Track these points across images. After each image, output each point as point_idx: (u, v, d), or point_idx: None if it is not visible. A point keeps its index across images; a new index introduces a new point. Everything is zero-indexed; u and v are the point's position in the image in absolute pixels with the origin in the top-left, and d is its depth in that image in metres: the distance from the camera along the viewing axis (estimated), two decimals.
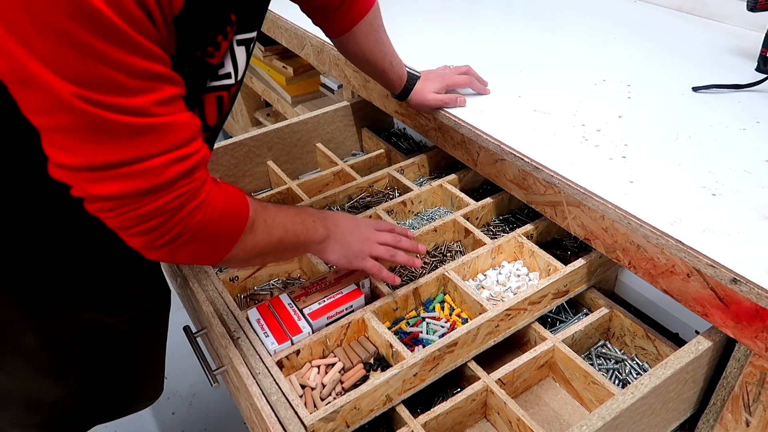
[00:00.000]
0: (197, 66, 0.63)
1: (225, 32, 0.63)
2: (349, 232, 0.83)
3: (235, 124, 2.45)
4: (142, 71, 0.51)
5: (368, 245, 0.83)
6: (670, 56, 1.21)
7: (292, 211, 0.77)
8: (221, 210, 0.62)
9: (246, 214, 0.66)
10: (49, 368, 0.85)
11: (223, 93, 0.70)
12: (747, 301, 0.67)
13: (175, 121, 0.55)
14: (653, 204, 0.79)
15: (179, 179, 0.56)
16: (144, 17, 0.50)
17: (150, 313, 1.02)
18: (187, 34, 0.57)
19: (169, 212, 0.57)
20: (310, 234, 0.77)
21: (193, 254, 0.63)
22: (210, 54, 0.63)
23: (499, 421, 0.82)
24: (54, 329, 0.81)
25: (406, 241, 0.87)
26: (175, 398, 1.72)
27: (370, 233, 0.84)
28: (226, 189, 0.65)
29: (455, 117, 1.04)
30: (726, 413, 0.78)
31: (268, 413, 0.72)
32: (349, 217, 0.85)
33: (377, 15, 0.97)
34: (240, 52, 0.69)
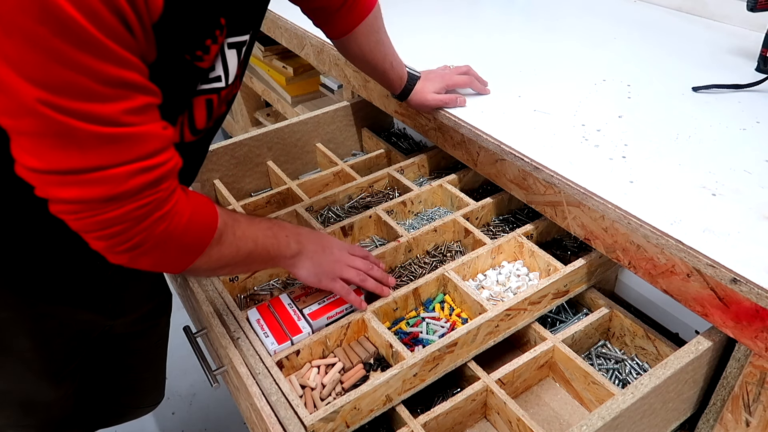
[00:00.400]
0: (186, 69, 0.62)
1: (214, 36, 0.62)
2: (322, 250, 0.83)
3: (235, 124, 2.45)
4: (113, 79, 0.50)
5: (339, 267, 0.83)
6: (670, 56, 1.20)
7: (265, 224, 0.77)
8: (187, 221, 0.61)
9: (214, 227, 0.66)
10: (43, 370, 0.84)
11: (213, 96, 0.69)
12: (747, 301, 0.67)
13: (144, 132, 0.54)
14: (653, 204, 0.79)
15: (144, 189, 0.56)
16: (118, 23, 0.49)
17: (150, 317, 1.01)
18: (170, 38, 0.57)
19: (132, 221, 0.57)
20: (281, 248, 0.77)
21: (155, 262, 0.63)
22: (199, 58, 0.62)
23: (499, 421, 0.82)
24: (49, 331, 0.81)
25: (377, 271, 0.87)
26: (175, 398, 1.72)
27: (342, 255, 0.84)
28: (196, 200, 0.65)
29: (455, 117, 1.04)
30: (726, 413, 0.78)
31: (268, 413, 0.72)
32: (324, 237, 0.85)
33: (378, 16, 0.96)
34: (231, 55, 0.68)
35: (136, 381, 1.11)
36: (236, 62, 0.69)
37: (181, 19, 0.56)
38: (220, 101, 0.72)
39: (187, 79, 0.65)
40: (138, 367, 1.09)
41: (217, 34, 0.62)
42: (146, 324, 1.02)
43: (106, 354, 1.00)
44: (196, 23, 0.59)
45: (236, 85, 0.75)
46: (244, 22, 0.68)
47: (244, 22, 0.68)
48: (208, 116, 0.72)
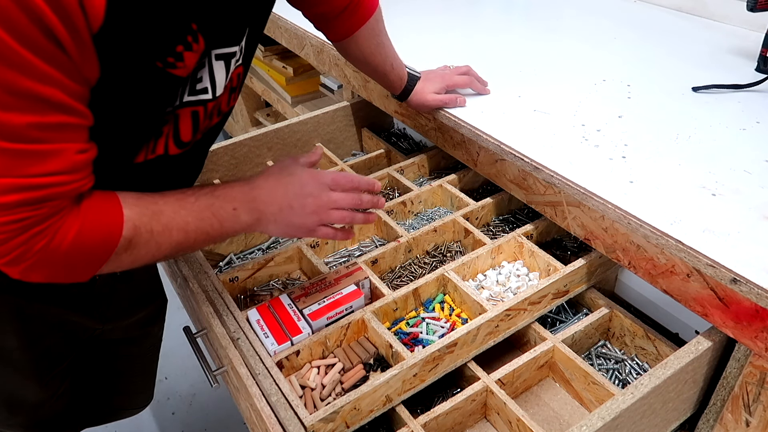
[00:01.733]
0: (160, 77, 0.60)
1: (187, 43, 0.59)
2: (290, 208, 0.72)
3: (235, 124, 2.45)
4: (25, 91, 0.48)
5: (318, 216, 0.73)
6: (670, 56, 1.20)
7: (204, 202, 0.68)
8: (74, 237, 0.57)
9: (114, 238, 0.60)
10: (30, 370, 0.84)
11: (199, 108, 0.67)
12: (747, 301, 0.67)
13: (47, 150, 0.52)
14: (653, 204, 0.79)
15: (22, 205, 0.53)
16: (41, 36, 0.47)
17: (143, 324, 1.01)
18: (124, 47, 0.54)
19: (9, 233, 0.54)
20: (226, 225, 0.69)
21: (47, 276, 0.59)
22: (172, 65, 0.59)
23: (499, 421, 0.82)
24: (37, 331, 0.81)
25: (366, 198, 0.78)
26: (175, 398, 1.72)
27: (321, 200, 0.73)
28: (92, 211, 0.59)
29: (455, 117, 1.04)
30: (726, 413, 0.78)
31: (268, 414, 0.72)
32: (292, 185, 0.73)
33: (379, 20, 0.96)
34: (219, 67, 0.66)
35: (126, 384, 1.11)
36: (224, 74, 0.67)
37: (133, 24, 0.53)
38: (207, 114, 0.70)
39: (164, 88, 0.62)
40: (130, 371, 1.09)
41: (190, 40, 0.60)
42: (140, 331, 1.01)
43: (98, 358, 1.00)
44: (158, 28, 0.56)
45: (233, 98, 0.73)
46: (228, 32, 0.66)
47: (227, 33, 0.65)
48: (194, 129, 0.69)
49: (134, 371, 1.10)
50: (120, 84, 0.57)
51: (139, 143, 0.67)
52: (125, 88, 0.58)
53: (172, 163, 0.72)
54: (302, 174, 0.74)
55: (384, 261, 0.98)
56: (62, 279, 0.60)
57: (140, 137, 0.66)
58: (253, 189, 0.71)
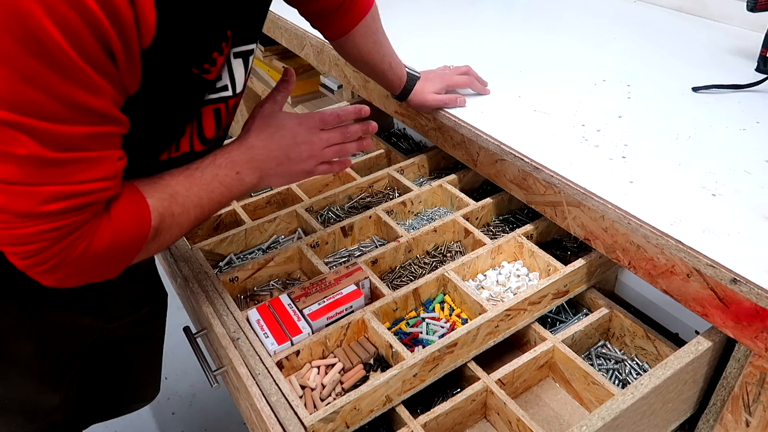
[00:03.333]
0: (194, 82, 0.62)
1: (221, 48, 0.62)
2: (286, 158, 0.75)
3: (235, 124, 2.45)
4: (81, 104, 0.49)
5: (314, 158, 0.77)
6: (670, 56, 1.21)
7: (209, 174, 0.69)
8: (110, 238, 0.58)
9: (145, 232, 0.62)
10: (45, 376, 0.84)
11: (221, 105, 0.69)
12: (747, 301, 0.67)
13: (93, 158, 0.53)
14: (653, 204, 0.79)
15: (66, 212, 0.54)
16: (100, 50, 0.48)
17: (146, 319, 1.01)
18: (168, 60, 0.56)
19: (48, 241, 0.54)
20: (235, 189, 0.72)
21: (84, 279, 0.60)
22: (207, 70, 0.62)
23: (499, 421, 0.82)
24: (51, 337, 0.81)
25: (355, 129, 0.80)
26: (175, 398, 1.72)
27: (313, 144, 0.76)
28: (122, 210, 0.60)
29: (455, 117, 1.04)
30: (726, 413, 0.78)
31: (268, 414, 0.72)
32: (284, 139, 0.75)
33: (375, 17, 0.96)
34: (237, 64, 0.68)
35: (133, 379, 1.12)
36: (243, 71, 0.69)
37: (179, 39, 0.55)
38: (229, 110, 0.71)
39: (195, 91, 0.64)
40: (135, 367, 1.09)
41: (224, 45, 0.62)
42: (143, 326, 1.02)
43: (102, 357, 1.00)
44: (200, 39, 0.59)
45: (242, 94, 0.75)
46: (249, 31, 0.68)
47: (249, 32, 0.68)
48: (216, 126, 0.71)
49: (140, 366, 1.10)
50: (157, 91, 0.58)
51: (165, 143, 0.68)
52: (161, 94, 0.59)
53: (196, 159, 0.73)
54: (290, 123, 0.76)
55: (384, 261, 0.98)
56: (96, 279, 0.62)
57: (167, 137, 0.68)
58: (249, 149, 0.73)
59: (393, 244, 0.98)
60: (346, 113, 0.80)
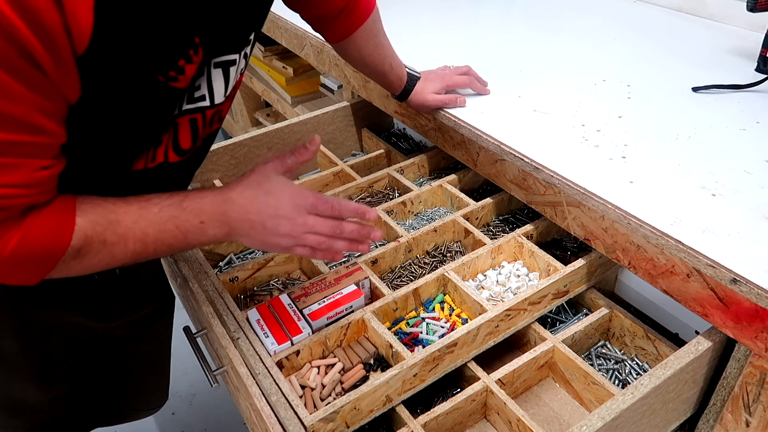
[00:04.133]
0: (161, 91, 0.60)
1: (188, 56, 0.59)
2: (261, 225, 0.67)
3: (235, 125, 2.45)
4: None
5: (291, 239, 0.69)
6: (670, 56, 1.20)
7: (167, 213, 0.64)
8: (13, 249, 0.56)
9: (61, 249, 0.58)
10: (31, 372, 0.84)
11: (198, 116, 0.67)
12: (747, 301, 0.67)
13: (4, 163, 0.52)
14: (653, 204, 0.79)
15: None
16: (19, 59, 0.46)
17: (147, 320, 1.01)
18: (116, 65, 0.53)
19: None
20: (190, 237, 0.66)
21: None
22: (173, 78, 0.59)
23: (499, 421, 0.82)
24: (36, 333, 0.80)
25: (350, 228, 0.71)
26: (175, 398, 1.72)
27: (295, 224, 0.68)
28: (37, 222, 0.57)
29: (455, 117, 1.04)
30: (726, 413, 0.78)
31: (268, 414, 0.72)
32: (266, 207, 0.68)
33: (377, 20, 0.96)
34: (217, 75, 0.66)
35: (137, 383, 1.11)
36: (222, 82, 0.67)
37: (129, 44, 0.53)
38: (207, 121, 0.69)
39: (164, 100, 0.62)
40: (137, 369, 1.08)
41: (191, 54, 0.59)
42: (144, 327, 1.01)
43: (102, 356, 1.00)
44: (161, 44, 0.56)
45: (225, 105, 0.73)
46: (228, 41, 0.65)
47: (228, 42, 0.65)
48: (193, 136, 0.69)
49: (144, 369, 1.10)
50: (119, 98, 0.56)
51: (137, 152, 0.67)
52: (125, 101, 0.57)
53: (172, 169, 0.71)
54: (280, 192, 0.69)
55: (384, 261, 0.98)
56: (7, 281, 0.59)
57: (138, 146, 0.66)
58: (225, 202, 0.67)
59: (393, 244, 0.98)
60: (342, 208, 0.72)
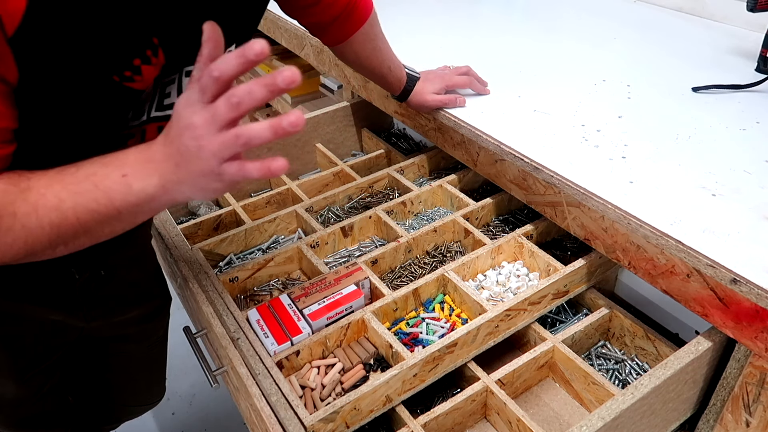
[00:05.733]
0: (116, 90, 0.57)
1: (145, 56, 0.57)
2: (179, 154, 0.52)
3: None
4: None
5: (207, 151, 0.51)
6: (670, 56, 1.20)
7: (84, 171, 0.54)
8: None
9: None
10: (8, 368, 0.84)
11: (165, 124, 0.64)
12: (747, 301, 0.67)
13: None
14: (653, 204, 0.79)
15: None
16: None
17: (136, 321, 1.00)
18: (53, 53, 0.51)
19: None
20: (114, 196, 0.53)
21: None
22: (129, 78, 0.57)
23: (499, 421, 0.82)
24: (14, 329, 0.80)
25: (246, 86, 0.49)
26: (175, 398, 1.72)
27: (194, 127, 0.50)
28: None
29: (455, 117, 1.04)
30: (726, 413, 0.78)
31: (268, 414, 0.72)
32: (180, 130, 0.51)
33: (375, 24, 0.96)
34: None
35: (128, 381, 1.11)
36: None
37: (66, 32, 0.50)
38: None
39: (120, 100, 0.60)
40: (129, 368, 1.08)
41: (149, 54, 0.57)
42: (135, 328, 1.01)
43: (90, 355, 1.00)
44: (107, 39, 0.54)
45: None
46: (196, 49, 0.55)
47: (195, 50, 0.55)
48: None
49: (134, 368, 1.09)
50: (66, 88, 0.55)
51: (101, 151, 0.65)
52: (74, 93, 0.56)
53: None
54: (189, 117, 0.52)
55: (384, 261, 0.98)
56: None
57: (102, 149, 0.62)
58: (147, 148, 0.55)
59: (393, 244, 0.98)
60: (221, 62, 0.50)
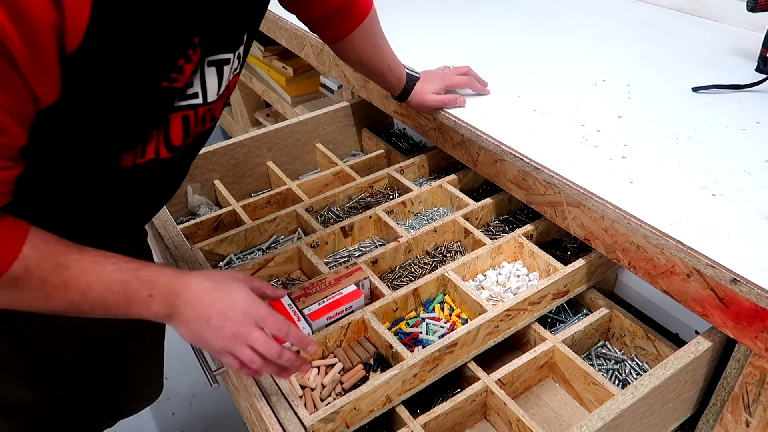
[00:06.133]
0: (161, 92, 0.60)
1: (187, 56, 0.59)
2: (206, 321, 0.65)
3: (235, 125, 2.45)
4: None
5: (229, 343, 0.66)
6: (670, 57, 1.20)
7: (120, 277, 0.62)
8: None
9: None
10: (22, 372, 0.84)
11: (190, 113, 0.67)
12: (747, 301, 0.67)
13: None
14: (653, 204, 0.79)
15: None
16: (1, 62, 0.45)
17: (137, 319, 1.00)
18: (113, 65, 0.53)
19: None
20: (132, 307, 0.63)
21: None
22: (174, 80, 0.59)
23: (499, 421, 0.82)
24: (28, 334, 0.80)
25: (287, 357, 0.68)
26: (175, 398, 1.72)
27: (239, 331, 0.66)
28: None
29: (455, 117, 1.04)
30: (726, 413, 0.78)
31: (268, 414, 0.72)
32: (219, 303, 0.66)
33: (374, 21, 0.96)
34: (210, 73, 0.65)
35: (131, 378, 1.11)
36: (216, 80, 0.67)
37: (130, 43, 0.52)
38: (198, 119, 0.69)
39: (162, 101, 0.62)
40: (132, 365, 1.08)
41: (191, 53, 0.59)
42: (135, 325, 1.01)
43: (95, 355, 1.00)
44: (160, 45, 0.56)
45: (218, 104, 0.72)
46: (224, 40, 0.65)
47: (223, 41, 0.65)
48: (184, 133, 0.69)
49: (136, 365, 1.10)
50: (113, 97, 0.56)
51: (125, 148, 0.66)
52: (120, 101, 0.57)
53: (162, 166, 0.71)
54: (237, 296, 0.68)
55: (384, 261, 0.98)
56: None
57: (127, 143, 0.65)
58: (182, 284, 0.65)
59: (393, 244, 0.98)
60: (290, 333, 0.69)
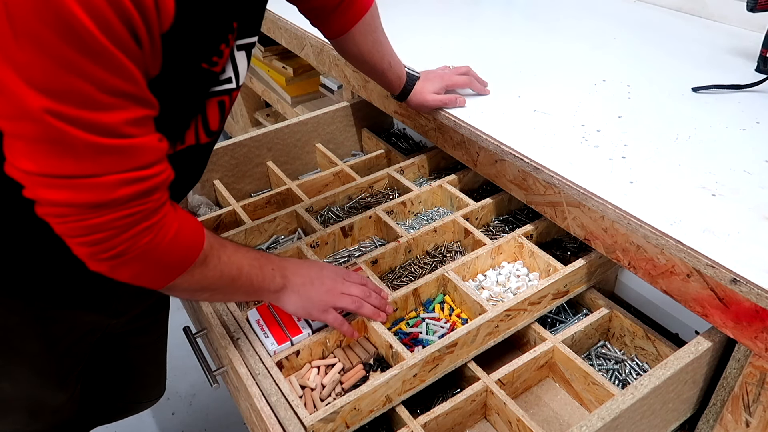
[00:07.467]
0: (202, 76, 0.63)
1: (227, 40, 0.63)
2: (310, 282, 0.80)
3: (235, 125, 2.45)
4: (117, 89, 0.50)
5: (332, 296, 0.80)
6: (670, 57, 1.21)
7: (253, 254, 0.75)
8: (173, 236, 0.61)
9: (199, 246, 0.65)
10: (51, 374, 0.84)
11: (225, 98, 0.70)
12: (747, 301, 0.67)
13: (140, 144, 0.55)
14: (653, 204, 0.79)
15: (133, 199, 0.56)
16: (126, 33, 0.49)
17: (150, 312, 1.02)
18: (182, 47, 0.57)
19: (118, 229, 0.56)
20: (266, 281, 0.75)
21: (136, 274, 0.61)
22: (215, 63, 0.63)
23: (499, 421, 0.82)
24: (56, 334, 0.81)
25: (375, 298, 0.84)
26: (175, 398, 1.72)
27: (336, 284, 0.81)
28: (184, 217, 0.64)
29: (455, 117, 1.04)
30: (726, 413, 0.78)
31: (268, 414, 0.72)
32: (314, 267, 0.82)
33: (375, 16, 0.96)
34: (240, 57, 0.69)
35: (139, 376, 1.12)
36: (245, 64, 0.70)
37: (193, 27, 0.56)
38: (231, 102, 0.73)
39: (203, 84, 0.65)
40: (140, 362, 1.09)
41: (230, 38, 0.63)
42: (146, 320, 1.02)
43: (108, 352, 1.00)
44: (211, 30, 0.59)
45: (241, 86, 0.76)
46: (252, 23, 0.69)
47: (252, 24, 0.69)
48: (221, 117, 0.72)
49: (146, 361, 1.10)
50: (171, 78, 0.58)
51: (174, 135, 0.69)
52: (173, 83, 0.59)
53: (200, 151, 0.75)
54: (323, 265, 0.84)
55: (384, 261, 0.98)
56: (147, 279, 0.63)
57: (174, 131, 0.68)
58: (285, 261, 0.80)
59: (393, 245, 0.98)
60: (368, 282, 0.86)
